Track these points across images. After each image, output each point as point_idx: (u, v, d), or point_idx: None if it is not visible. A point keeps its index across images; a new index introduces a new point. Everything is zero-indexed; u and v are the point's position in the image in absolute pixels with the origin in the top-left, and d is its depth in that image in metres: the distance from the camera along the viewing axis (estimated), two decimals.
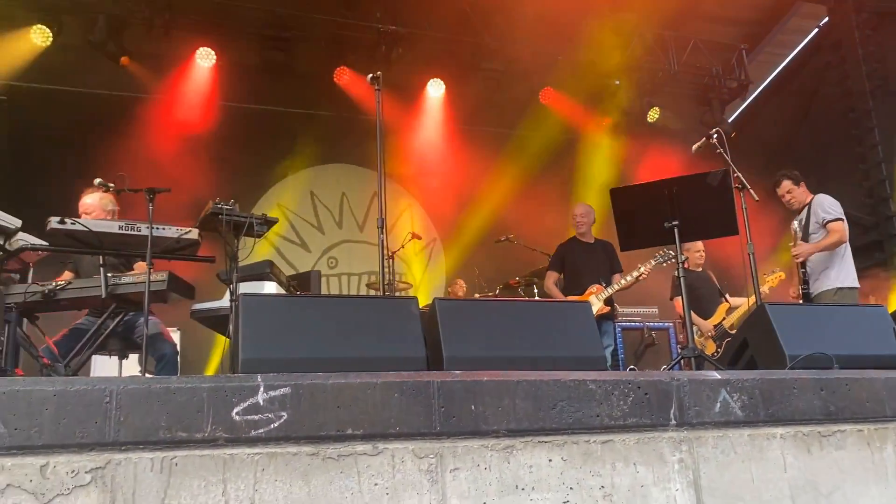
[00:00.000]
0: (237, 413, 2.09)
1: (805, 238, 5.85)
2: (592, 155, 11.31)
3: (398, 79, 9.62)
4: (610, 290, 6.36)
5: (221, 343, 5.08)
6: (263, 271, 5.19)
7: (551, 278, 6.75)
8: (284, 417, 2.13)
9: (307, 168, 10.55)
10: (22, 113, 8.77)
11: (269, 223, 4.75)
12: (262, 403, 2.12)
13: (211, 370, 8.32)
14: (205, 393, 2.08)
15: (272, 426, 2.11)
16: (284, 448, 2.12)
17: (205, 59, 9.31)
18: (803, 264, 5.83)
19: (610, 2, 9.67)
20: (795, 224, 6.00)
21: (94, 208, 5.09)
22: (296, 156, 10.29)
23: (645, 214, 4.59)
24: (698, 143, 5.21)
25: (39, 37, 8.41)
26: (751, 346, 3.72)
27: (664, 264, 6.21)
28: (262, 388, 2.13)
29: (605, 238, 6.73)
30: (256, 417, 2.10)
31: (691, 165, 6.77)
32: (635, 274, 6.30)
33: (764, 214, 5.87)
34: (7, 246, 4.27)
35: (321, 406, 2.19)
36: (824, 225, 5.71)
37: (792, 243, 5.96)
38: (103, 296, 4.38)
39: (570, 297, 6.44)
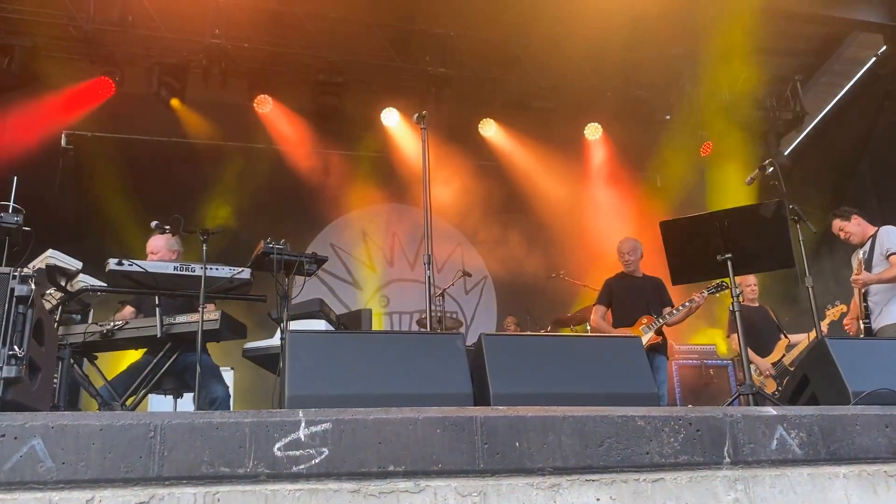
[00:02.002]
0: (279, 448, 2.09)
1: (868, 269, 5.65)
2: (643, 189, 11.20)
3: (448, 119, 9.74)
4: (661, 321, 6.21)
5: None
6: (314, 310, 5.25)
7: (598, 312, 6.61)
8: (326, 453, 2.12)
9: (359, 208, 10.71)
10: (87, 160, 9.17)
11: (318, 262, 4.81)
12: (303, 439, 2.12)
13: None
14: (247, 428, 2.09)
15: (313, 462, 2.10)
16: (325, 484, 2.11)
17: (262, 105, 9.58)
18: (865, 297, 5.62)
19: (659, 37, 9.65)
20: (861, 255, 5.79)
21: (160, 249, 5.24)
22: (348, 196, 10.47)
23: (697, 247, 4.50)
24: (752, 175, 5.12)
25: (105, 88, 8.77)
26: (812, 382, 3.57)
27: (717, 294, 6.06)
28: (303, 424, 2.13)
29: (654, 273, 6.61)
30: (298, 453, 2.10)
31: (747, 198, 6.65)
32: (688, 304, 6.16)
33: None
34: (68, 287, 4.42)
35: (362, 442, 2.17)
36: (887, 257, 5.51)
37: (855, 272, 5.74)
38: (158, 335, 4.49)
39: (620, 329, 6.31)
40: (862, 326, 5.56)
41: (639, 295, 6.44)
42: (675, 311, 6.19)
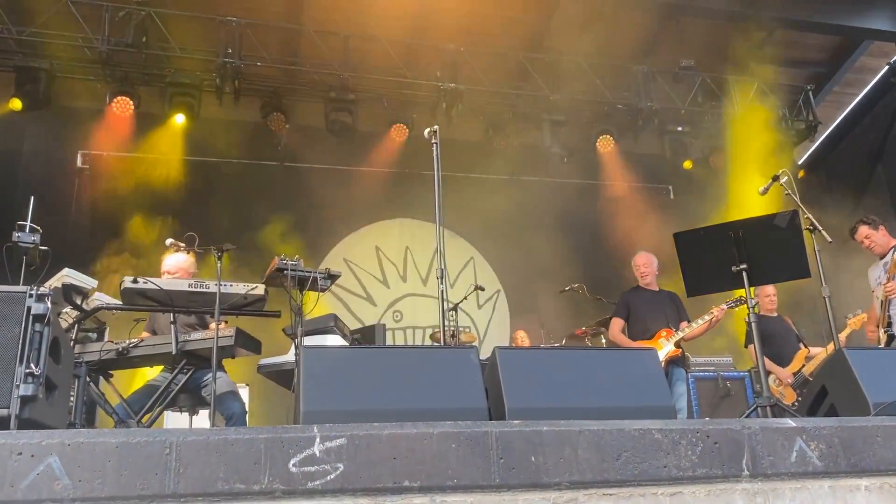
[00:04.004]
0: (294, 464, 2.09)
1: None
2: (656, 201, 11.16)
3: (460, 133, 9.78)
4: (680, 334, 6.15)
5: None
6: (327, 325, 5.25)
7: (616, 326, 6.57)
8: (341, 469, 2.11)
9: (372, 224, 10.75)
10: (102, 179, 9.25)
11: (332, 277, 4.81)
12: (318, 454, 2.11)
13: None
14: (262, 444, 2.08)
15: (328, 478, 2.10)
16: (341, 500, 2.10)
17: (275, 123, 9.63)
18: (887, 307, 5.55)
19: (669, 48, 9.66)
20: (890, 263, 5.69)
21: (178, 269, 5.25)
22: (361, 212, 10.51)
23: (711, 259, 4.47)
24: (765, 186, 5.08)
25: (120, 108, 8.85)
26: (830, 393, 3.52)
27: (736, 307, 6.01)
28: (318, 439, 2.13)
29: (670, 287, 6.57)
30: (313, 469, 2.09)
31: (761, 209, 6.60)
32: (707, 317, 6.10)
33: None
34: (84, 305, 4.45)
35: (377, 457, 2.16)
36: None
37: (884, 281, 5.65)
38: (174, 352, 4.50)
39: (639, 343, 6.26)
40: (884, 335, 5.49)
41: (656, 309, 6.39)
42: (693, 325, 6.14)
